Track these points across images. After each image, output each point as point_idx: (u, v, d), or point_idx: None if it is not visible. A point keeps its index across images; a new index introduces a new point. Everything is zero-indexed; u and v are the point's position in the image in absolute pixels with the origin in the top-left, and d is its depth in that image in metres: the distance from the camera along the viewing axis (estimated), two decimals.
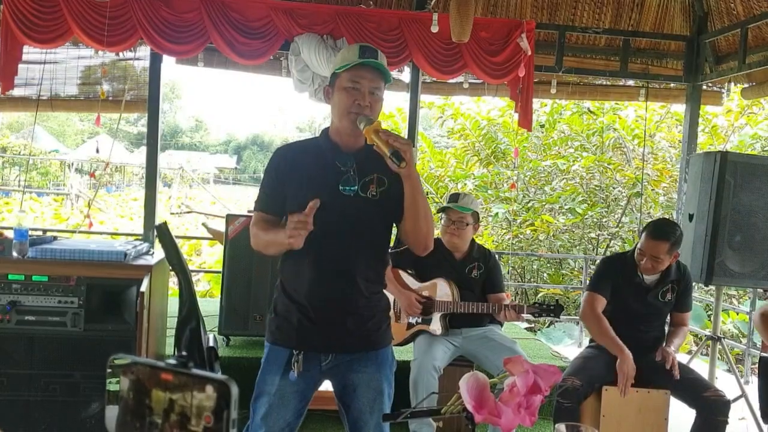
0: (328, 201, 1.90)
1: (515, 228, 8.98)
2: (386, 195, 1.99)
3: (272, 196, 2.06)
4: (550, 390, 1.36)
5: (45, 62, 4.95)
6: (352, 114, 1.95)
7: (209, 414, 0.68)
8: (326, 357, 2.03)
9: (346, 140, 2.01)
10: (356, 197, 1.97)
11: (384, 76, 1.98)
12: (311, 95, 4.83)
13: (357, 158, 1.99)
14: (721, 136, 9.13)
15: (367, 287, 2.03)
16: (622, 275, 3.21)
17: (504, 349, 3.16)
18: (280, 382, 2.01)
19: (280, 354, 2.04)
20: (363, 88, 1.95)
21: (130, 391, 0.73)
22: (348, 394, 2.06)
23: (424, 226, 1.97)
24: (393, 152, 1.79)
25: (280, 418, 2.02)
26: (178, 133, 40.66)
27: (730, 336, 7.41)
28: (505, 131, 9.56)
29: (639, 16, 5.36)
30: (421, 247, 2.03)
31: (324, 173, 1.99)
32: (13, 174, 20.95)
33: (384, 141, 1.81)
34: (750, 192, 3.62)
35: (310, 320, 2.01)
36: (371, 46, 2.02)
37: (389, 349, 2.13)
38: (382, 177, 1.97)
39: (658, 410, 3.10)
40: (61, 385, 2.80)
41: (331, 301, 2.00)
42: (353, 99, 1.95)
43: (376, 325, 2.08)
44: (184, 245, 10.00)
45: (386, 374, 2.08)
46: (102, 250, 2.92)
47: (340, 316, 2.01)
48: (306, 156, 2.05)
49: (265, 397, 2.03)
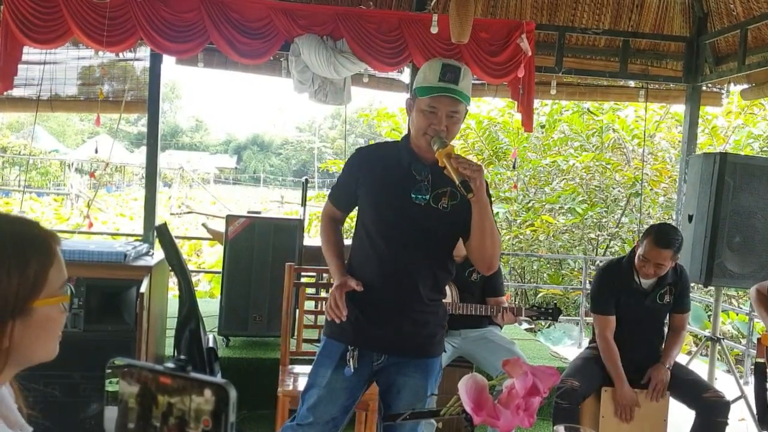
0: (398, 206, 2.00)
1: (515, 228, 8.99)
2: (457, 209, 2.02)
3: (343, 192, 2.17)
4: (549, 392, 1.36)
5: (45, 62, 4.95)
6: (427, 136, 1.98)
7: (208, 417, 0.68)
8: (378, 357, 2.08)
9: (425, 150, 2.03)
10: (427, 206, 2.01)
11: (465, 100, 1.98)
12: (311, 96, 4.83)
13: (433, 169, 2.01)
14: (720, 136, 9.13)
15: (426, 294, 2.07)
16: (619, 282, 3.20)
17: (503, 351, 3.16)
18: (332, 375, 2.06)
19: (334, 348, 2.09)
20: (440, 113, 1.96)
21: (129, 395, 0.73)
22: (391, 394, 2.10)
23: (490, 247, 2.00)
24: (462, 181, 1.81)
25: (326, 412, 2.06)
26: (178, 133, 40.67)
27: (730, 337, 7.41)
28: (504, 131, 9.56)
29: (639, 17, 5.37)
30: (486, 266, 2.08)
31: (398, 179, 2.03)
32: (13, 174, 20.95)
33: (454, 168, 1.83)
34: (749, 193, 3.62)
35: (367, 319, 2.06)
36: (454, 64, 1.99)
37: (438, 360, 2.17)
38: (456, 192, 1.98)
39: (657, 411, 3.10)
40: (60, 385, 2.80)
41: (390, 303, 2.05)
42: (429, 122, 1.97)
43: (431, 333, 2.12)
44: (184, 245, 10.00)
45: (431, 383, 2.12)
46: (102, 251, 2.92)
47: (397, 319, 2.05)
48: (385, 158, 2.10)
49: (315, 389, 2.08)
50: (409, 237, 2.02)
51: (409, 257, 2.02)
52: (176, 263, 3.29)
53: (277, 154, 41.07)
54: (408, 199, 2.01)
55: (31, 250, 1.01)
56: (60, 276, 1.04)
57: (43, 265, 1.00)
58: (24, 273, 0.98)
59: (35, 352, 1.03)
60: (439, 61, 2.00)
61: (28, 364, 1.05)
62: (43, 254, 1.02)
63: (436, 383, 2.16)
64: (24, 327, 0.99)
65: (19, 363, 1.03)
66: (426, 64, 2.06)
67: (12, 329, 0.97)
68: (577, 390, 2.99)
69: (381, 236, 2.02)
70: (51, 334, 1.04)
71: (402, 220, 2.01)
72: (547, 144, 9.70)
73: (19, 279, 0.97)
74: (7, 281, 0.96)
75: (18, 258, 0.98)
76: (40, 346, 1.03)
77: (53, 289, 1.02)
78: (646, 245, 3.06)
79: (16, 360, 1.01)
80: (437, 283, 2.11)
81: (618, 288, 3.20)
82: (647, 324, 3.19)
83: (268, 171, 38.28)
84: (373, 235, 2.04)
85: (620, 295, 3.20)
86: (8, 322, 0.97)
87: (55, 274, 1.02)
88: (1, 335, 0.97)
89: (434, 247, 2.06)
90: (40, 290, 0.99)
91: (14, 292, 0.97)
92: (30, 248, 1.01)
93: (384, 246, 2.02)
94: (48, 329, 1.03)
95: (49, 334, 1.04)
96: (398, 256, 2.02)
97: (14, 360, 1.01)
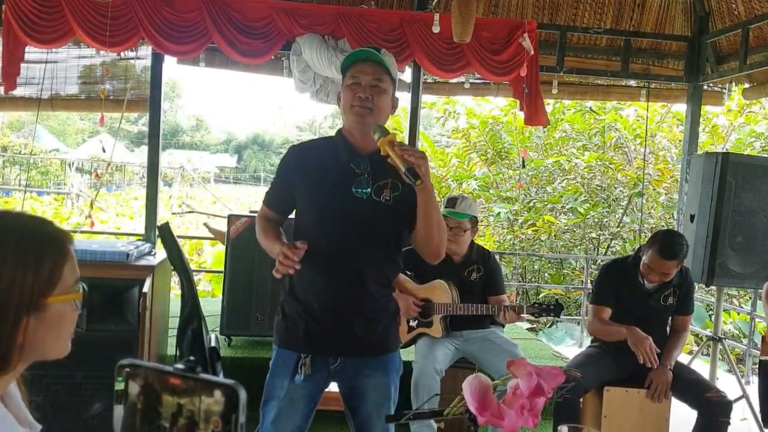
0: (339, 203, 1.93)
1: (517, 228, 8.98)
2: (400, 200, 1.98)
3: (278, 193, 2.09)
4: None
5: (46, 62, 4.95)
6: (355, 107, 1.96)
7: (217, 418, 0.68)
8: (335, 360, 2.02)
9: (360, 141, 2.00)
10: (369, 200, 1.96)
11: (386, 69, 1.98)
12: (312, 95, 4.83)
13: (372, 161, 1.97)
14: (721, 135, 9.13)
15: (376, 291, 2.02)
16: (623, 281, 3.20)
17: (505, 352, 3.15)
18: (289, 385, 2.00)
19: (288, 358, 2.02)
20: (363, 82, 1.96)
21: (139, 396, 0.73)
22: (355, 397, 2.06)
23: (437, 236, 1.97)
24: (408, 168, 1.78)
25: (289, 422, 2.01)
26: (178, 133, 40.67)
27: (731, 336, 7.41)
28: (507, 130, 9.56)
29: (640, 16, 5.36)
30: (433, 256, 2.04)
31: (337, 175, 1.98)
32: (14, 173, 20.95)
33: (399, 156, 1.80)
34: (751, 193, 3.62)
35: (318, 323, 2.00)
36: (373, 46, 2.06)
37: (397, 354, 2.13)
38: (397, 182, 1.95)
39: (659, 411, 3.10)
40: (63, 385, 2.81)
41: (339, 304, 1.99)
42: (354, 93, 1.96)
43: (384, 330, 2.07)
44: (185, 245, 9.98)
45: (393, 379, 2.08)
46: (104, 251, 2.92)
47: (349, 320, 2.00)
48: (320, 155, 2.04)
49: (274, 401, 2.02)
50: (354, 233, 1.96)
51: (355, 254, 1.97)
52: (178, 263, 3.29)
53: (277, 153, 41.04)
54: (349, 194, 1.95)
55: (46, 248, 1.03)
56: (73, 273, 1.06)
57: (57, 262, 1.03)
58: (39, 269, 1.00)
59: (48, 348, 1.04)
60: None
61: (39, 359, 1.06)
62: (58, 251, 1.04)
63: (398, 377, 2.12)
64: (38, 323, 1.00)
65: (31, 359, 1.05)
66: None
67: (26, 324, 0.99)
68: (579, 382, 2.98)
69: (323, 236, 1.94)
70: (64, 331, 1.06)
71: (345, 217, 1.95)
72: (548, 143, 9.70)
73: (34, 275, 0.99)
74: (22, 277, 0.98)
75: (33, 254, 1.01)
76: (53, 343, 1.04)
77: (67, 286, 1.04)
78: (651, 255, 3.04)
79: (28, 356, 1.03)
80: (385, 277, 2.07)
81: (622, 286, 3.20)
82: (650, 325, 3.19)
83: (269, 170, 38.24)
84: (315, 235, 1.95)
85: (623, 294, 3.20)
86: (23, 318, 0.99)
87: (68, 271, 1.04)
88: (16, 330, 0.98)
89: (380, 241, 2.01)
90: (54, 287, 1.01)
91: (29, 287, 0.99)
92: (45, 245, 1.03)
93: (328, 246, 1.95)
94: (61, 326, 1.05)
95: (62, 330, 1.05)
96: (343, 254, 1.97)
97: (27, 356, 1.03)
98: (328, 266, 1.97)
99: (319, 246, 1.92)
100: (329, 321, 1.99)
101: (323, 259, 1.96)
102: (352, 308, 2.00)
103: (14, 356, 1.00)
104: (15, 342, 0.99)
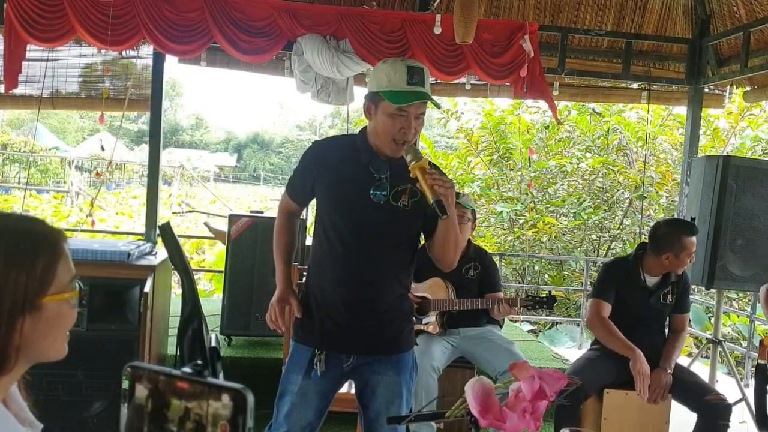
0: (356, 205, 1.96)
1: (517, 229, 8.98)
2: (418, 206, 1.99)
3: (300, 186, 2.13)
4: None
5: (47, 60, 4.95)
6: (397, 140, 1.93)
7: (225, 423, 0.68)
8: (348, 358, 2.06)
9: (384, 150, 1.99)
10: (386, 204, 1.98)
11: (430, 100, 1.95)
12: (313, 96, 4.83)
13: (392, 165, 1.98)
14: (722, 138, 9.13)
15: (390, 291, 2.05)
16: (625, 279, 3.21)
17: (502, 351, 3.15)
18: (303, 381, 2.04)
19: (303, 353, 2.06)
20: (410, 117, 1.92)
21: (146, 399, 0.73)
22: (367, 395, 2.09)
23: (452, 253, 2.04)
24: (436, 201, 1.80)
25: (301, 418, 2.05)
26: (178, 131, 40.65)
27: (731, 339, 7.41)
28: (511, 132, 9.55)
29: (641, 18, 5.36)
30: (446, 267, 2.11)
31: (356, 176, 1.99)
32: (14, 171, 20.93)
33: (429, 186, 1.82)
34: (752, 196, 3.62)
35: (332, 321, 2.04)
36: (417, 65, 1.94)
37: (410, 354, 2.15)
38: (416, 189, 1.95)
39: (659, 413, 3.10)
40: (63, 384, 2.80)
41: (354, 303, 2.02)
42: (399, 127, 1.92)
43: (398, 329, 2.10)
44: (185, 244, 9.98)
45: (405, 378, 2.11)
46: (105, 250, 2.92)
47: (363, 319, 2.03)
48: (341, 155, 2.04)
49: (288, 396, 2.06)
50: (369, 236, 1.99)
51: (370, 256, 2.00)
52: (179, 262, 3.29)
53: (277, 152, 41.04)
54: (366, 197, 1.96)
55: (39, 247, 1.02)
56: (68, 272, 1.05)
57: (50, 261, 1.02)
58: (32, 269, 0.99)
59: (45, 348, 1.04)
60: (401, 62, 1.92)
61: (38, 361, 1.06)
62: (50, 250, 1.03)
63: (411, 379, 2.14)
64: (34, 323, 1.00)
65: (29, 360, 1.04)
66: (386, 65, 1.95)
67: (23, 325, 0.99)
68: (580, 388, 2.98)
69: (340, 235, 1.99)
70: (61, 330, 1.05)
71: (361, 219, 1.97)
72: (550, 145, 9.69)
73: (28, 275, 0.99)
74: (15, 277, 0.98)
75: (26, 254, 1.00)
76: (50, 343, 1.04)
77: (62, 284, 1.03)
78: (684, 241, 3.08)
79: (26, 357, 1.03)
80: (400, 279, 2.09)
81: (623, 284, 3.21)
82: (650, 322, 3.20)
83: (268, 169, 38.26)
84: (332, 235, 2.00)
85: (624, 290, 3.21)
86: (19, 318, 0.98)
87: (63, 269, 1.04)
88: (12, 331, 0.98)
89: (395, 244, 2.03)
90: (48, 286, 1.01)
91: (23, 287, 0.98)
92: (37, 245, 1.02)
93: (344, 245, 1.99)
94: (58, 325, 1.04)
95: (60, 330, 1.05)
96: (359, 255, 1.99)
97: (25, 357, 1.02)
98: (342, 266, 2.01)
99: (335, 245, 1.98)
100: (343, 319, 2.03)
101: (339, 258, 2.01)
102: (365, 308, 2.03)
103: (12, 358, 0.99)
104: (12, 343, 0.98)
